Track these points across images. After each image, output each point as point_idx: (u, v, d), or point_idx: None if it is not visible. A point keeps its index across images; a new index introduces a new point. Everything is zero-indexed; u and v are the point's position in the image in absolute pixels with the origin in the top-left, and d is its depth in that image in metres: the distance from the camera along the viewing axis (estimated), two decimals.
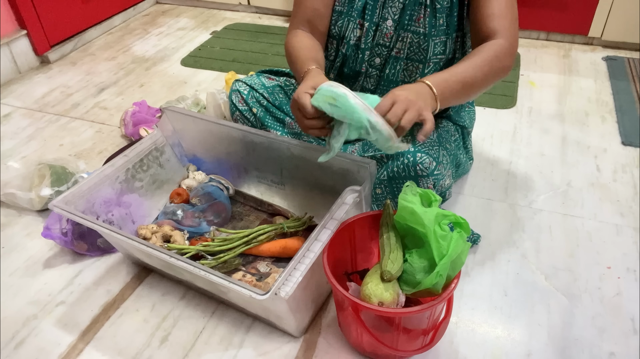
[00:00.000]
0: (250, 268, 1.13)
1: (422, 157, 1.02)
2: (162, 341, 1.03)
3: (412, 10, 1.05)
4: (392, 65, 1.12)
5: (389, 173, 1.06)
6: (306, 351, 1.00)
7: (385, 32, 1.08)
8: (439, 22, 1.05)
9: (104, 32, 2.44)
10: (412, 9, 1.05)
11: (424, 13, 1.04)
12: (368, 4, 1.07)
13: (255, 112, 1.23)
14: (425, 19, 1.04)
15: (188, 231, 1.19)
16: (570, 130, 1.63)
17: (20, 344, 1.03)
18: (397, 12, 1.06)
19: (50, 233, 1.17)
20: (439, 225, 0.83)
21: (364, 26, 1.09)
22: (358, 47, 1.12)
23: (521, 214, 1.30)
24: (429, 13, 1.04)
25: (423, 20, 1.05)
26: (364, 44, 1.11)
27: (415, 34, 1.06)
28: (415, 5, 1.05)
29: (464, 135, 1.28)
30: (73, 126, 1.74)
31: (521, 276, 1.14)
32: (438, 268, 0.80)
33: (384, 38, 1.09)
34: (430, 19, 1.04)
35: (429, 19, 1.04)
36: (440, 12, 1.04)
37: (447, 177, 1.10)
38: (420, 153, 1.03)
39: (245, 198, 1.32)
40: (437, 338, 0.90)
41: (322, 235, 0.91)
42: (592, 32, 2.10)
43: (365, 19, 1.08)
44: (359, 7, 1.08)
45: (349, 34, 1.11)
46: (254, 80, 1.27)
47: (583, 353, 0.98)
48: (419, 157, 1.02)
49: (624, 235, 1.23)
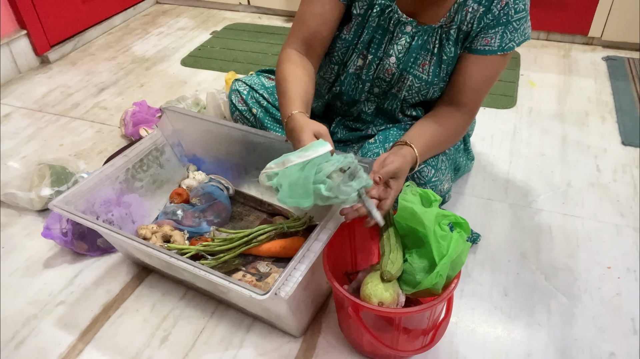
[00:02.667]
0: (250, 268, 1.13)
1: (421, 166, 1.02)
2: (162, 341, 1.03)
3: (418, 54, 1.03)
4: (391, 101, 1.11)
5: None
6: (306, 351, 1.00)
7: (387, 67, 1.06)
8: (443, 72, 1.04)
9: (104, 32, 2.44)
10: (418, 52, 1.03)
11: (430, 60, 1.03)
12: (375, 38, 1.05)
13: (255, 113, 1.23)
14: (430, 67, 1.03)
15: (188, 231, 1.19)
16: (570, 130, 1.63)
17: (20, 344, 1.03)
18: (403, 51, 1.04)
19: (50, 233, 1.17)
20: (439, 225, 0.83)
21: (367, 58, 1.07)
22: (359, 77, 1.11)
23: (521, 214, 1.30)
24: (435, 62, 1.03)
25: (427, 67, 1.03)
26: (365, 75, 1.09)
27: (417, 78, 1.05)
28: (422, 50, 1.03)
29: (465, 137, 1.28)
30: (73, 126, 1.74)
31: (521, 276, 1.14)
32: (438, 268, 0.80)
33: (385, 73, 1.07)
34: (435, 67, 1.03)
35: (433, 68, 1.03)
36: (446, 63, 1.03)
37: (446, 181, 1.10)
38: None
39: (245, 198, 1.32)
40: (437, 338, 0.90)
41: (322, 235, 0.91)
42: (592, 32, 2.10)
43: (370, 52, 1.06)
44: (365, 40, 1.06)
45: (350, 64, 1.09)
46: (254, 80, 1.27)
47: (583, 353, 0.98)
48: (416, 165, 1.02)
49: (624, 235, 1.23)
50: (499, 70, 1.02)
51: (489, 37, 0.97)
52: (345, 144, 1.21)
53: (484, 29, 0.97)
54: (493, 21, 0.96)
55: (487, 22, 0.96)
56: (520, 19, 0.97)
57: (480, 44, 0.98)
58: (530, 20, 1.00)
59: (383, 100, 1.12)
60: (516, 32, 0.97)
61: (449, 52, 1.01)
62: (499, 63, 1.00)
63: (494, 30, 0.97)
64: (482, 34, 0.97)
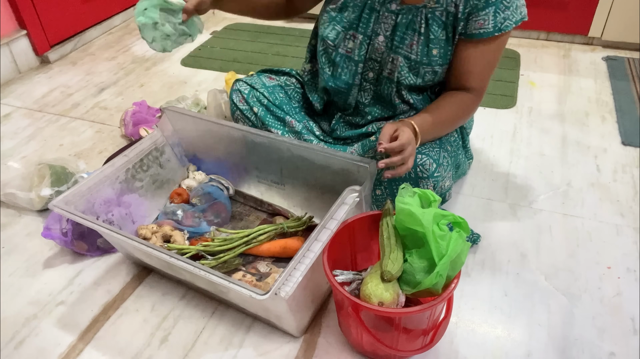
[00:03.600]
0: (250, 268, 1.13)
1: (423, 159, 1.02)
2: (162, 341, 1.03)
3: (404, 33, 1.04)
4: (386, 85, 1.11)
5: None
6: (306, 351, 1.00)
7: (377, 46, 1.08)
8: (432, 52, 1.04)
9: (104, 32, 2.44)
10: (405, 32, 1.04)
11: (417, 40, 1.03)
12: (363, 17, 1.06)
13: (256, 111, 1.23)
14: (418, 47, 1.04)
15: (188, 231, 1.19)
16: (570, 130, 1.63)
17: (20, 344, 1.03)
18: (389, 29, 1.05)
19: (50, 233, 1.17)
20: (437, 225, 0.83)
21: (358, 38, 1.08)
22: (350, 59, 1.11)
23: (521, 214, 1.30)
24: (422, 41, 1.03)
25: (415, 48, 1.04)
26: (357, 56, 1.10)
27: (406, 58, 1.05)
28: (409, 30, 1.03)
29: (463, 135, 1.28)
30: (73, 126, 1.74)
31: (521, 276, 1.14)
32: (438, 268, 0.80)
33: (376, 53, 1.08)
34: (423, 47, 1.03)
35: (421, 47, 1.04)
36: (434, 43, 1.03)
37: (447, 178, 1.10)
38: (421, 154, 1.03)
39: (245, 198, 1.32)
40: (437, 338, 0.90)
41: (322, 235, 0.91)
42: (592, 32, 2.10)
43: (359, 31, 1.07)
44: (351, 18, 1.07)
45: (339, 42, 1.10)
46: (255, 79, 1.27)
47: (583, 353, 0.98)
48: (419, 159, 1.02)
49: (624, 235, 1.23)
50: (499, 51, 1.02)
51: (481, 19, 0.97)
52: (346, 142, 1.21)
53: (474, 12, 0.97)
54: (481, 2, 0.96)
55: (474, 3, 0.97)
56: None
57: (475, 27, 0.98)
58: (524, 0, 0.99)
59: (378, 86, 1.13)
60: (509, 10, 0.97)
61: (435, 33, 1.02)
62: (498, 44, 1.00)
63: (485, 11, 0.97)
64: (474, 17, 0.98)
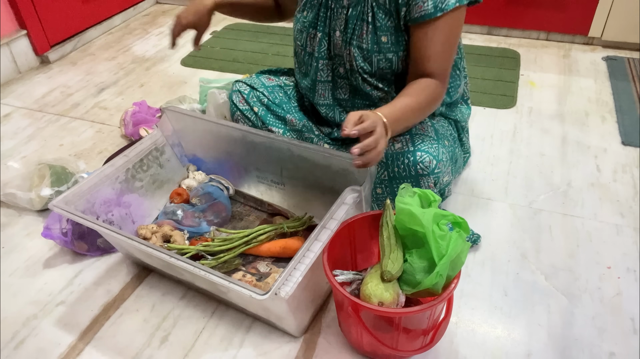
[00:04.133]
0: (250, 268, 1.13)
1: (422, 156, 1.02)
2: (162, 341, 1.03)
3: (355, 24, 1.05)
4: (353, 77, 1.11)
5: (390, 173, 1.06)
6: (306, 351, 1.00)
7: (336, 42, 1.09)
8: (382, 39, 1.04)
9: (104, 32, 2.44)
10: (355, 23, 1.05)
11: (367, 29, 1.04)
12: (320, 15, 1.09)
13: (257, 111, 1.23)
14: (368, 36, 1.04)
15: (188, 231, 1.19)
16: (570, 130, 1.63)
17: (20, 344, 1.03)
18: (342, 24, 1.07)
19: (50, 233, 1.17)
20: (437, 225, 0.83)
21: (317, 36, 1.10)
22: (311, 56, 1.14)
23: (521, 214, 1.30)
24: (371, 30, 1.04)
25: (366, 37, 1.05)
26: (318, 52, 1.12)
27: (359, 49, 1.06)
28: (358, 20, 1.05)
29: (459, 129, 1.28)
30: (73, 126, 1.74)
31: (521, 276, 1.14)
32: (438, 268, 0.80)
33: (337, 48, 1.10)
34: (372, 36, 1.04)
35: (371, 36, 1.04)
36: (382, 31, 1.03)
37: (447, 173, 1.10)
38: (420, 152, 1.03)
39: (245, 198, 1.32)
40: (437, 338, 0.90)
41: (322, 235, 0.91)
42: (592, 32, 2.10)
43: (318, 30, 1.10)
44: (310, 18, 1.10)
45: (305, 42, 1.13)
46: (254, 80, 1.28)
47: (583, 353, 0.98)
48: (419, 156, 1.02)
49: (624, 235, 1.23)
50: (452, 31, 1.01)
51: (420, 1, 0.97)
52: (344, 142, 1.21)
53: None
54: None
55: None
56: None
57: (416, 11, 0.98)
58: None
59: (350, 79, 1.13)
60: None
61: (382, 20, 1.03)
62: (447, 23, 0.99)
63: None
64: (412, 2, 0.98)
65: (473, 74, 1.93)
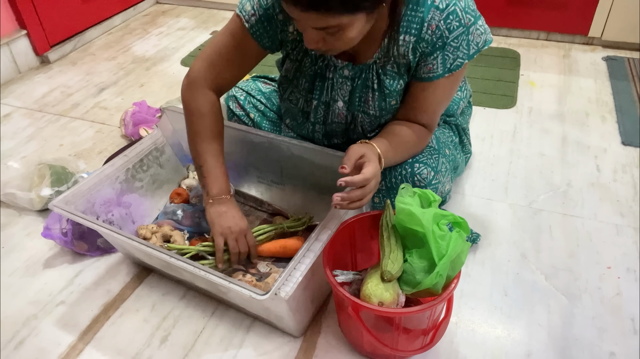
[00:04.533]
0: (250, 268, 1.13)
1: (420, 168, 1.02)
2: (162, 341, 1.03)
3: (361, 92, 1.02)
4: (354, 134, 1.11)
5: (387, 183, 1.05)
6: (306, 351, 1.00)
7: (338, 112, 1.06)
8: (390, 103, 1.02)
9: (104, 32, 2.44)
10: (361, 91, 1.02)
11: (372, 96, 1.01)
12: (316, 85, 1.04)
13: (253, 117, 1.24)
14: (375, 102, 1.01)
15: (188, 231, 1.19)
16: (570, 130, 1.63)
17: (20, 344, 1.03)
18: (347, 94, 1.03)
19: (50, 233, 1.17)
20: (437, 225, 0.83)
21: (312, 103, 1.06)
22: (307, 119, 1.11)
23: (521, 214, 1.30)
24: (378, 97, 1.01)
25: (372, 103, 1.02)
26: (314, 118, 1.09)
27: (366, 114, 1.04)
28: (364, 88, 1.01)
29: (460, 132, 1.28)
30: (73, 126, 1.74)
31: (521, 276, 1.14)
32: (438, 268, 0.80)
33: (338, 117, 1.07)
34: (379, 102, 1.01)
35: (378, 102, 1.01)
36: (391, 96, 1.00)
37: (447, 182, 1.10)
38: (418, 163, 1.02)
39: (245, 198, 1.32)
40: (437, 338, 0.90)
41: (322, 235, 0.91)
42: (592, 32, 2.10)
43: (314, 98, 1.06)
44: (305, 86, 1.05)
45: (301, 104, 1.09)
46: (250, 85, 1.27)
47: (583, 353, 0.98)
48: (416, 168, 1.01)
49: (624, 235, 1.23)
50: (453, 86, 0.99)
51: (430, 64, 0.93)
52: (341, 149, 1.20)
53: (422, 57, 0.94)
54: (428, 48, 0.91)
55: (422, 50, 0.92)
56: (459, 37, 0.90)
57: (424, 71, 0.95)
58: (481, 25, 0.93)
59: (347, 135, 1.12)
60: (458, 51, 0.92)
61: (390, 86, 0.99)
62: (450, 83, 0.97)
63: (433, 56, 0.92)
64: (422, 62, 0.94)
65: (473, 74, 1.93)
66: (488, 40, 0.95)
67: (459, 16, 0.89)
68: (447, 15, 0.88)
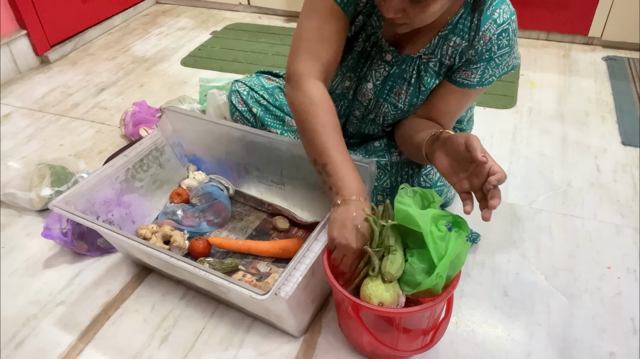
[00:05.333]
0: (250, 268, 1.13)
1: (427, 168, 1.02)
2: (162, 341, 1.03)
3: (394, 82, 1.01)
4: (370, 126, 1.10)
5: (392, 182, 1.05)
6: (306, 351, 1.00)
7: (365, 92, 1.05)
8: (420, 99, 1.02)
9: (104, 32, 2.44)
10: (395, 81, 1.01)
11: (407, 90, 1.01)
12: (360, 62, 1.04)
13: (255, 112, 1.23)
14: (407, 97, 1.01)
15: (188, 231, 1.19)
16: (570, 130, 1.63)
17: (20, 344, 1.03)
18: (380, 79, 1.02)
19: (50, 233, 1.17)
20: (436, 225, 0.83)
21: (353, 80, 1.06)
22: (345, 97, 1.10)
23: (521, 214, 1.30)
24: (412, 91, 1.00)
25: (404, 96, 1.01)
26: (352, 95, 1.08)
27: (392, 106, 1.03)
28: (399, 79, 1.01)
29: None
30: (73, 126, 1.74)
31: (521, 276, 1.14)
32: (438, 269, 0.80)
33: (363, 97, 1.06)
34: (412, 97, 1.01)
35: (410, 97, 1.01)
36: (424, 94, 1.01)
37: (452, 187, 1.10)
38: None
39: (245, 198, 1.32)
40: (437, 338, 0.90)
41: (322, 235, 0.91)
42: (592, 32, 2.10)
43: (355, 74, 1.05)
44: (350, 64, 1.04)
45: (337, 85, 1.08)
46: (253, 80, 1.27)
47: (583, 353, 0.98)
48: (424, 167, 1.01)
49: (624, 235, 1.23)
50: (475, 99, 1.01)
51: (470, 71, 0.95)
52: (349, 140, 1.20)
53: (466, 63, 0.95)
54: (475, 57, 0.93)
55: (469, 57, 0.94)
56: (504, 55, 0.93)
57: (461, 76, 0.96)
58: (517, 50, 0.96)
59: (362, 125, 1.11)
60: (497, 68, 0.94)
61: (427, 84, 0.99)
62: (476, 94, 0.99)
63: (476, 65, 0.94)
64: (464, 67, 0.95)
65: None
66: (516, 65, 0.97)
67: (510, 36, 0.90)
68: (501, 32, 0.89)
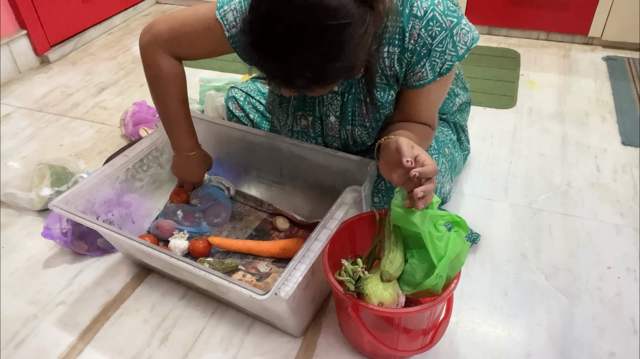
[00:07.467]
0: (250, 268, 1.13)
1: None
2: (162, 341, 1.03)
3: (353, 106, 1.01)
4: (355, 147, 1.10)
5: (387, 183, 1.05)
6: (306, 351, 1.00)
7: (331, 126, 1.06)
8: (384, 114, 1.00)
9: (104, 32, 2.44)
10: (353, 105, 1.01)
11: (366, 109, 1.00)
12: (307, 101, 1.03)
13: (252, 118, 1.24)
14: (370, 114, 1.00)
15: (188, 231, 1.19)
16: (570, 130, 1.63)
17: (20, 344, 1.03)
18: (338, 109, 1.02)
19: (50, 233, 1.17)
20: (434, 226, 0.83)
21: (309, 119, 1.06)
22: (308, 135, 1.10)
23: (521, 214, 1.30)
24: (371, 109, 0.99)
25: (368, 115, 1.00)
26: (314, 132, 1.09)
27: (362, 127, 1.03)
28: (356, 102, 1.00)
29: (457, 129, 1.28)
30: (73, 126, 1.74)
31: (521, 276, 1.14)
32: (437, 269, 0.80)
33: (332, 131, 1.07)
34: (374, 114, 1.00)
35: (373, 115, 1.00)
36: (384, 107, 0.99)
37: (447, 182, 1.10)
38: None
39: (246, 198, 1.32)
40: (437, 338, 0.90)
41: (322, 235, 0.91)
42: (592, 32, 2.10)
43: (309, 113, 1.05)
44: (296, 104, 1.05)
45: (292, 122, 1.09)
46: (250, 86, 1.27)
47: (583, 353, 0.98)
48: None
49: (624, 235, 1.23)
50: (446, 87, 0.98)
51: (419, 72, 0.92)
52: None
53: (410, 67, 0.92)
54: (413, 58, 0.90)
55: (408, 60, 0.91)
56: (443, 41, 0.88)
57: (414, 79, 0.94)
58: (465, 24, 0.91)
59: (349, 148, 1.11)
60: (445, 54, 0.90)
61: (381, 98, 0.98)
62: (443, 84, 0.96)
63: (420, 64, 0.91)
64: (410, 71, 0.93)
65: (473, 74, 1.93)
66: (475, 37, 0.93)
67: (440, 20, 0.86)
68: (427, 23, 0.86)
